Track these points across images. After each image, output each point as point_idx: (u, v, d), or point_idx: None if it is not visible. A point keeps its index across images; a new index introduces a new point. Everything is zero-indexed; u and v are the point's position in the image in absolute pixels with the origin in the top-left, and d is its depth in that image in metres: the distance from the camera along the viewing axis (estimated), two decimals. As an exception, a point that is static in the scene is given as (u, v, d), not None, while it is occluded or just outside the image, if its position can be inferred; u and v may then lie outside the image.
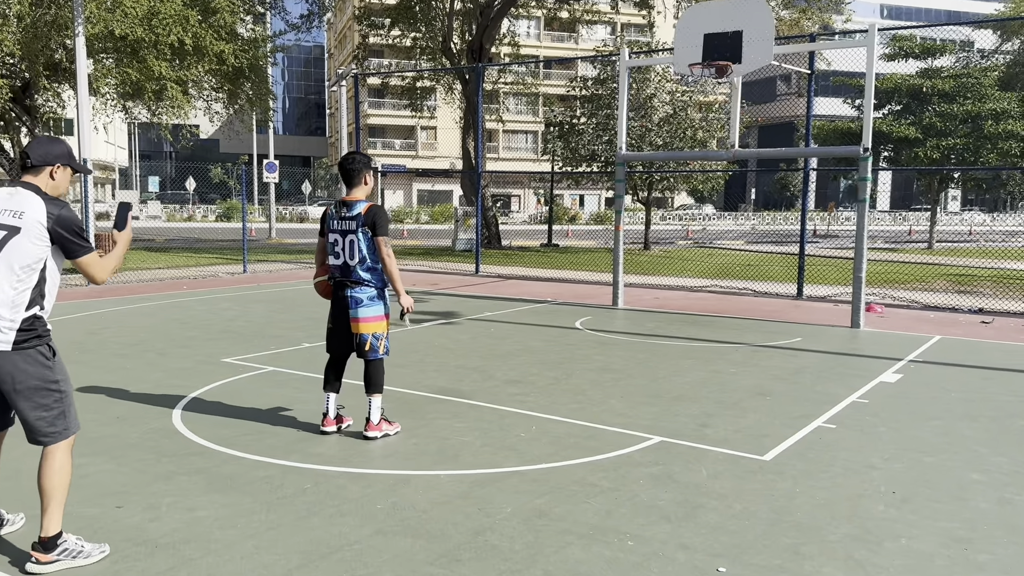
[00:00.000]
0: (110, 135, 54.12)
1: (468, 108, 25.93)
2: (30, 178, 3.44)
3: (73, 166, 3.55)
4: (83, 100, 16.05)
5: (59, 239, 3.40)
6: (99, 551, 3.54)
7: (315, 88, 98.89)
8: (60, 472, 3.47)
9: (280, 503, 4.18)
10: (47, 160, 3.45)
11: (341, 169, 5.29)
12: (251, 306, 12.03)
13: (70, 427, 3.52)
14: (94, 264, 3.50)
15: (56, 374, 3.47)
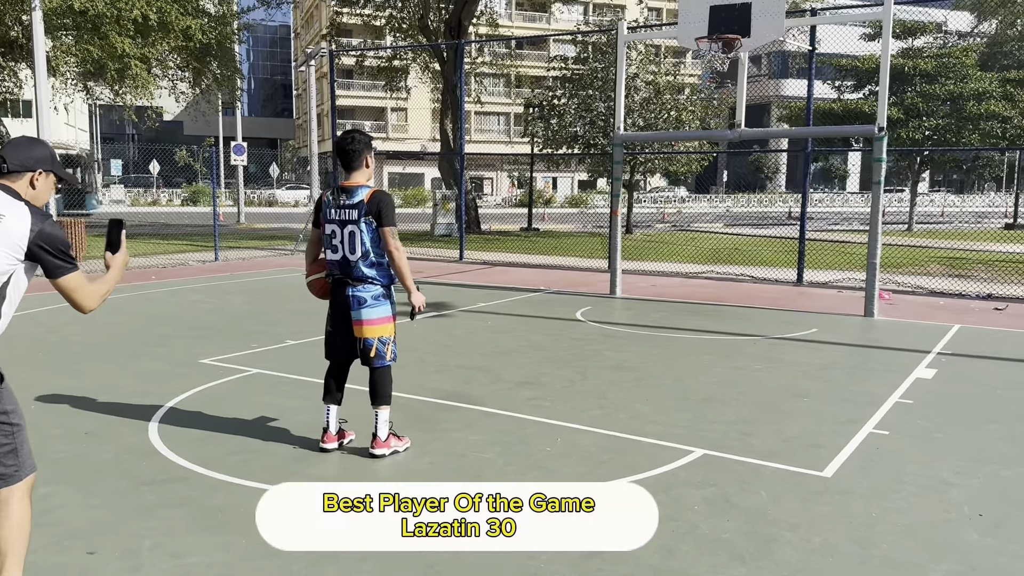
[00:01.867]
0: (70, 117, 52.38)
1: (446, 88, 25.12)
2: (8, 183, 2.81)
3: (58, 173, 2.94)
4: (41, 80, 15.05)
5: (39, 256, 2.73)
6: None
7: (281, 69, 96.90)
8: (16, 524, 2.82)
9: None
10: (27, 165, 2.83)
11: (338, 150, 4.61)
12: (226, 298, 11.29)
13: (22, 467, 2.85)
14: (80, 289, 2.82)
15: (4, 403, 2.80)
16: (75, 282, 2.80)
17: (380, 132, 63.24)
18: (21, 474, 2.84)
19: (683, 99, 24.78)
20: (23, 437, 2.86)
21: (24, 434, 2.87)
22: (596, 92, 24.09)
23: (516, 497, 3.06)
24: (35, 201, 2.84)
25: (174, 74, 22.86)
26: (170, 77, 22.86)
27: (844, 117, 27.15)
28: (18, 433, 2.84)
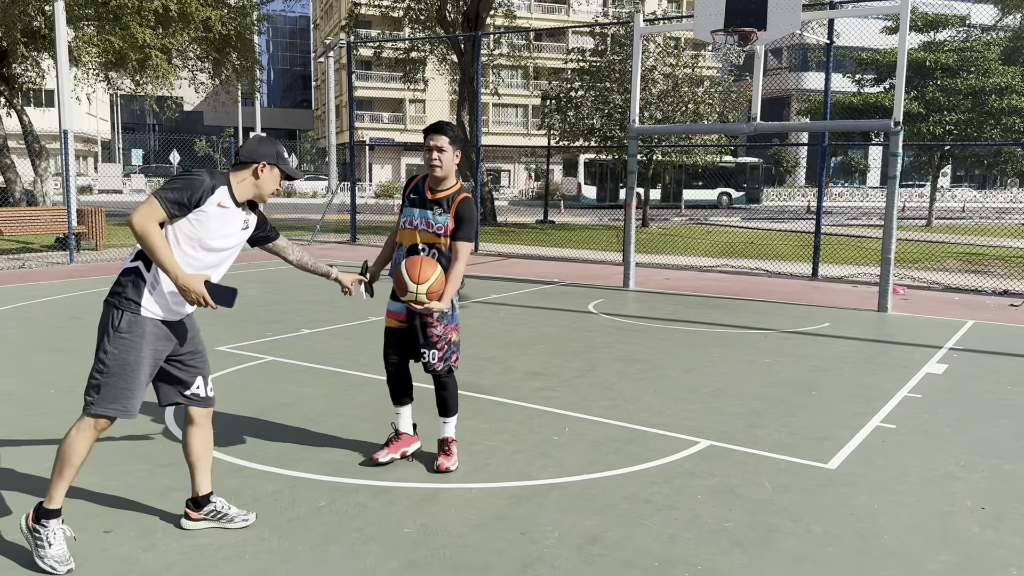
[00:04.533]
0: (92, 106, 52.88)
1: (463, 80, 25.15)
2: (232, 173, 3.38)
3: (282, 168, 3.44)
4: (63, 70, 15.23)
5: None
6: (242, 518, 3.60)
7: (300, 60, 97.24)
8: (66, 444, 3.23)
9: (293, 526, 3.64)
10: (253, 157, 3.38)
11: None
12: (243, 287, 11.42)
13: (97, 405, 3.21)
14: (146, 209, 3.18)
15: (108, 345, 3.24)
16: (144, 205, 3.16)
17: (398, 124, 63.40)
18: (93, 409, 3.22)
19: (701, 92, 24.66)
20: (110, 383, 3.21)
21: (114, 380, 3.21)
22: (613, 84, 24.03)
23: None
24: (257, 190, 3.40)
25: (194, 65, 23.03)
26: (190, 68, 23.04)
27: (864, 111, 26.93)
28: (105, 374, 3.21)
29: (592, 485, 4.18)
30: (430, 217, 4.10)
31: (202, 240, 3.29)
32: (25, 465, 4.33)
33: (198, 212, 3.24)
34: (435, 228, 4.09)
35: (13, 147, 20.84)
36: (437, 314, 4.10)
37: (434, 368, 4.19)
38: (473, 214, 4.12)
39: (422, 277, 3.88)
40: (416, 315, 4.12)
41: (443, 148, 4.04)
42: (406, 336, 4.21)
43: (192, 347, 3.50)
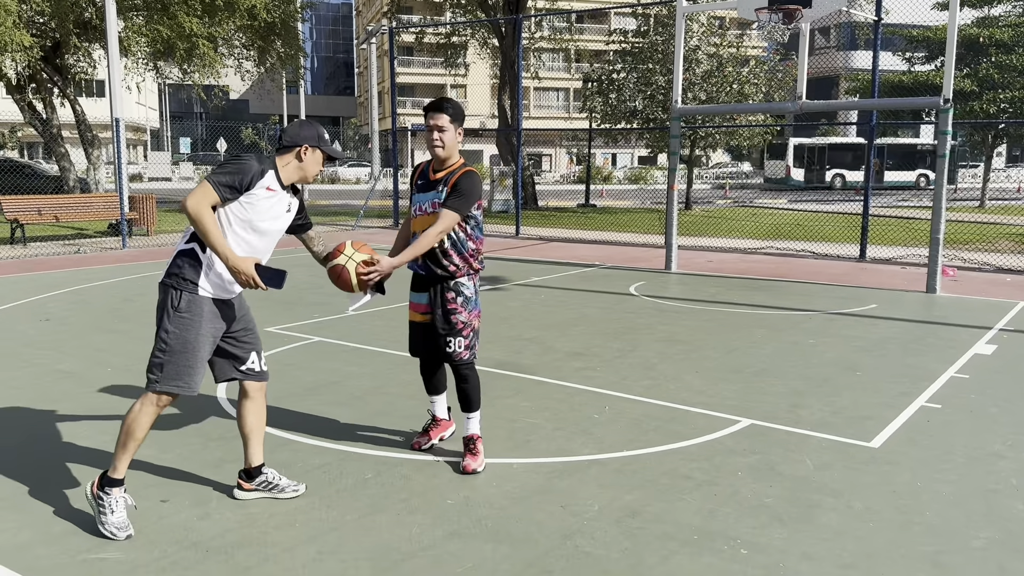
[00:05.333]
0: (141, 96, 53.95)
1: (504, 64, 25.15)
2: (278, 157, 3.48)
3: (324, 149, 3.51)
4: (114, 60, 15.61)
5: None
6: (292, 489, 3.74)
7: (343, 47, 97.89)
8: (130, 418, 3.39)
9: (340, 497, 3.75)
10: (296, 141, 3.47)
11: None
12: (291, 270, 11.60)
13: (160, 382, 3.36)
14: (199, 192, 3.34)
15: (169, 324, 3.37)
16: (198, 189, 3.29)
17: (440, 109, 63.49)
18: (155, 387, 3.37)
19: (746, 72, 24.32)
20: (171, 360, 3.36)
21: (176, 358, 3.36)
22: (656, 66, 23.83)
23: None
24: (300, 172, 3.50)
25: (239, 53, 23.35)
26: (236, 56, 23.36)
27: (914, 90, 26.30)
28: (167, 352, 3.35)
29: (632, 461, 4.22)
30: (434, 197, 3.97)
31: (252, 222, 3.41)
32: (86, 438, 4.52)
33: (248, 195, 3.36)
34: (428, 207, 3.98)
35: (67, 136, 21.41)
36: (460, 298, 4.01)
37: (460, 357, 4.04)
38: (471, 188, 3.90)
39: (357, 246, 3.81)
40: (439, 304, 4.01)
41: (443, 127, 3.90)
42: (429, 329, 4.09)
43: (244, 324, 3.63)
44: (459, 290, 4.03)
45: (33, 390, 5.45)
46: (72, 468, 4.08)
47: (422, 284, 4.12)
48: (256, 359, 3.67)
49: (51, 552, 3.21)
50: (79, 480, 3.91)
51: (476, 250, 4.08)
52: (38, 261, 12.56)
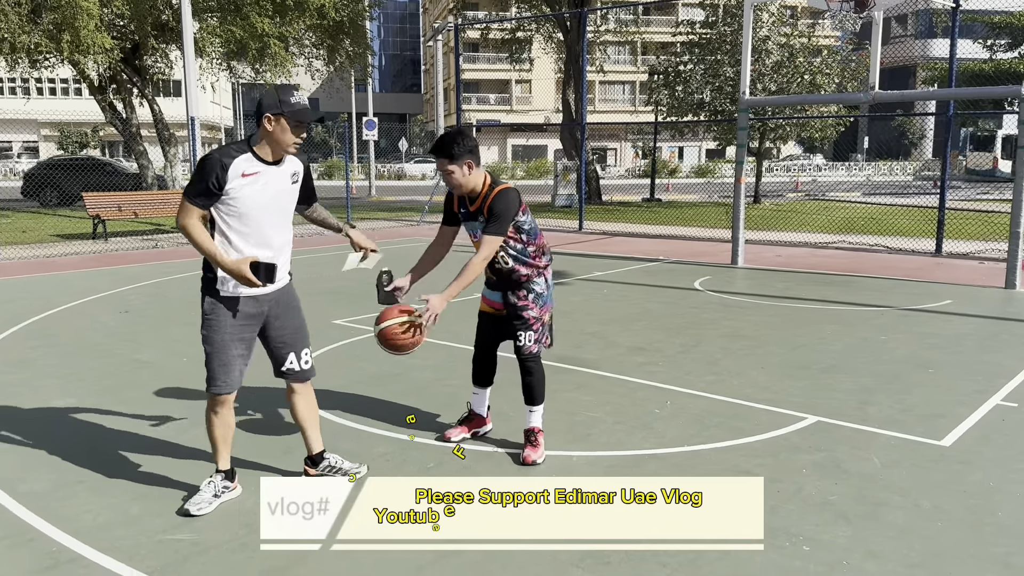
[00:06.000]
0: (216, 95, 55.51)
1: (569, 58, 25.08)
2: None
3: (286, 113, 3.37)
4: (189, 60, 16.14)
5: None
6: (355, 471, 3.88)
7: (410, 45, 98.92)
8: (206, 424, 3.64)
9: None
10: (258, 114, 3.40)
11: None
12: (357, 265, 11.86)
13: (208, 385, 3.54)
14: (181, 210, 3.43)
15: (203, 329, 3.55)
16: (180, 208, 3.38)
17: (504, 104, 63.75)
18: (208, 389, 3.54)
19: (818, 62, 23.71)
20: (211, 360, 3.51)
21: (215, 358, 3.50)
22: (724, 57, 23.44)
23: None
24: (276, 141, 3.38)
25: (309, 52, 23.86)
26: (306, 55, 23.88)
27: (996, 79, 25.27)
28: (209, 350, 3.51)
29: (693, 456, 4.20)
30: (478, 228, 4.04)
31: (245, 215, 3.37)
32: (161, 425, 4.71)
33: (227, 190, 3.31)
34: (479, 236, 4.03)
35: (145, 135, 22.23)
36: (532, 295, 4.08)
37: (529, 350, 4.12)
38: (505, 208, 3.92)
39: (387, 317, 3.99)
40: (510, 301, 4.11)
41: (450, 171, 3.91)
42: (501, 320, 4.22)
43: (281, 325, 3.62)
44: (530, 288, 4.12)
45: (113, 379, 5.71)
46: (147, 454, 4.27)
47: (496, 285, 4.23)
48: (295, 360, 3.69)
49: (129, 533, 3.37)
50: (153, 465, 4.08)
51: (538, 249, 4.12)
52: (118, 255, 13.09)
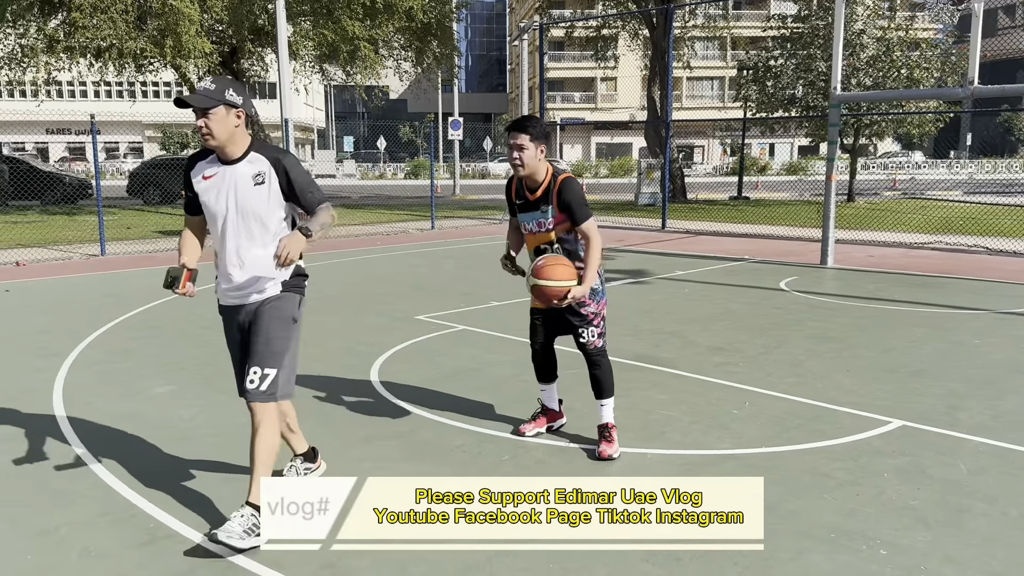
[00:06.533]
0: (309, 97, 57.23)
1: (654, 55, 24.83)
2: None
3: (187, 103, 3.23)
4: (284, 63, 16.71)
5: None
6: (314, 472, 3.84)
7: (496, 45, 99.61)
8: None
9: (478, 476, 3.92)
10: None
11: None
12: (440, 262, 12.09)
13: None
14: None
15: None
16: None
17: (589, 103, 63.53)
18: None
19: (916, 56, 22.78)
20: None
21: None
22: (817, 51, 22.78)
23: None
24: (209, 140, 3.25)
25: (398, 54, 24.38)
26: (395, 57, 24.41)
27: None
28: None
29: (770, 458, 4.15)
30: (539, 217, 4.06)
31: (212, 218, 3.33)
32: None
33: (198, 195, 3.33)
34: (547, 226, 4.06)
35: (242, 136, 23.12)
36: (589, 293, 4.07)
37: (594, 345, 4.13)
38: (577, 192, 4.00)
39: (558, 276, 3.90)
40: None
41: (524, 146, 3.94)
42: (556, 316, 4.18)
43: (251, 338, 3.36)
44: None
45: (210, 368, 6.00)
46: (239, 440, 4.48)
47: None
48: (252, 375, 3.29)
49: (222, 513, 3.56)
50: (245, 451, 4.29)
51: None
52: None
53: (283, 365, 3.33)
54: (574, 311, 4.12)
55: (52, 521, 3.47)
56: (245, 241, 3.29)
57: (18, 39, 19.82)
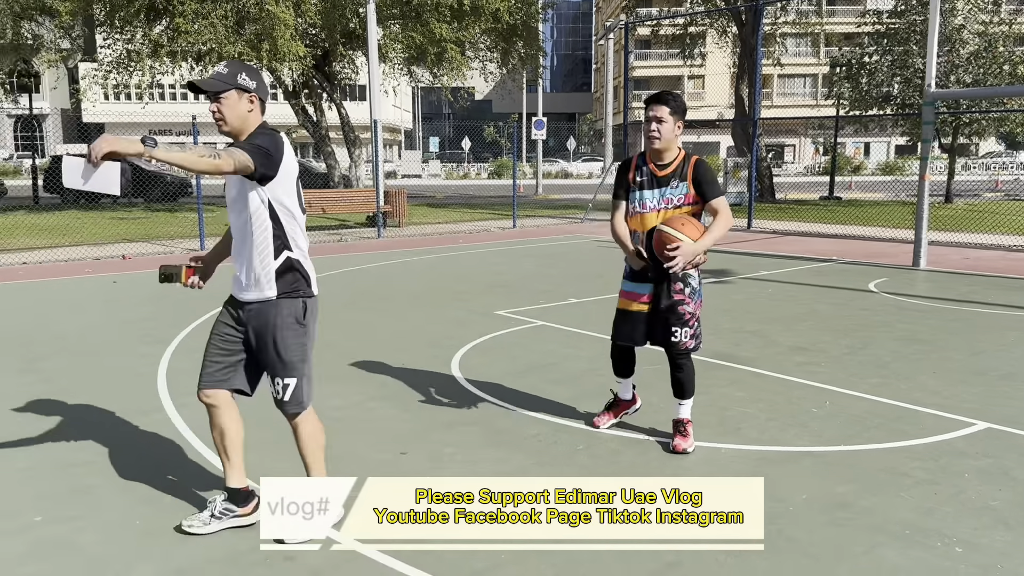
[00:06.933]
0: (397, 99, 58.40)
1: (743, 52, 24.43)
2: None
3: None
4: (374, 66, 17.20)
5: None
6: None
7: (582, 44, 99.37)
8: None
9: (553, 463, 4.04)
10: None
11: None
12: (520, 260, 12.25)
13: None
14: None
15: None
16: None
17: (676, 102, 62.60)
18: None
19: (1022, 52, 21.73)
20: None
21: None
22: (914, 47, 21.99)
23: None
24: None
25: (484, 55, 24.70)
26: (480, 58, 24.74)
27: None
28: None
29: (849, 456, 4.13)
30: (668, 193, 3.97)
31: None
32: (336, 402, 5.19)
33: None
34: (676, 201, 3.97)
35: (332, 137, 23.87)
36: (688, 289, 4.05)
37: (686, 346, 4.08)
38: (710, 170, 4.00)
39: (681, 228, 3.82)
40: (663, 295, 4.04)
41: (663, 119, 3.91)
42: (647, 318, 4.11)
43: (257, 348, 3.27)
44: (687, 281, 4.06)
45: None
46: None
47: (644, 275, 4.11)
48: (271, 385, 3.32)
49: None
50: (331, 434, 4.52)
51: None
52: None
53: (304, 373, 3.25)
54: (672, 310, 4.04)
55: (156, 491, 3.74)
56: (240, 233, 3.19)
57: (125, 44, 20.96)
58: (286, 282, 3.17)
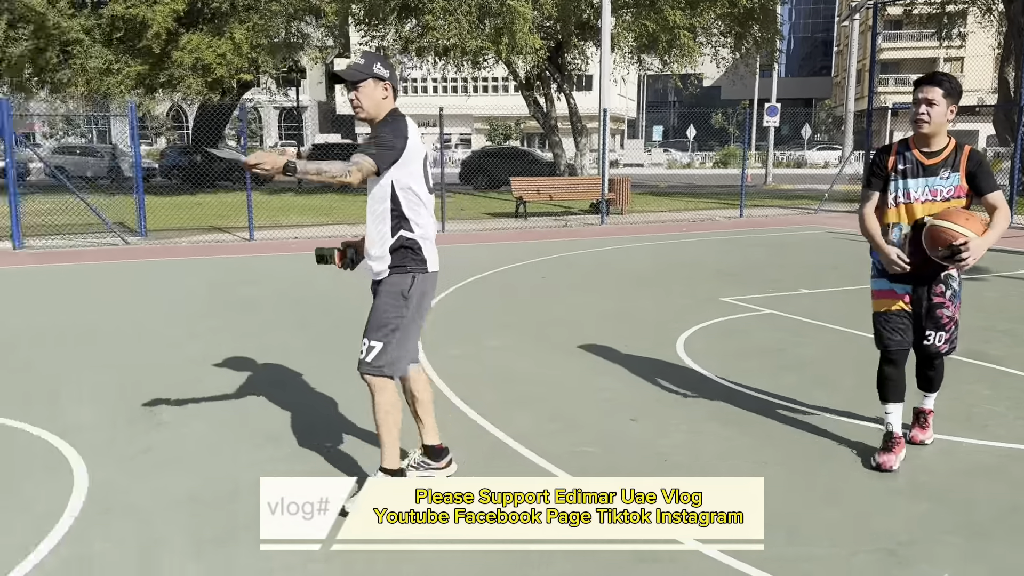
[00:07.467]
0: (623, 88, 58.53)
1: (1010, 31, 22.06)
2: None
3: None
4: (606, 55, 17.54)
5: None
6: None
7: (823, 26, 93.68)
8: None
9: (780, 445, 4.12)
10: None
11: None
12: (747, 250, 12.07)
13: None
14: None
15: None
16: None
17: (929, 86, 57.51)
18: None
19: None
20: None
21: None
22: None
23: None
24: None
25: (716, 40, 24.24)
26: (712, 44, 24.31)
27: None
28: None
29: (1110, 462, 3.85)
30: (936, 183, 3.65)
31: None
32: (558, 373, 5.54)
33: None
34: (945, 193, 3.64)
35: (559, 127, 24.56)
36: (949, 291, 3.76)
37: (939, 350, 3.83)
38: (986, 161, 3.65)
39: (960, 222, 3.49)
40: (926, 296, 3.77)
41: (935, 101, 3.60)
42: (910, 319, 3.83)
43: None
44: (948, 283, 3.77)
45: (533, 330, 6.74)
46: (551, 387, 5.09)
47: (907, 275, 3.76)
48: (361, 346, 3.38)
49: (549, 442, 4.15)
50: (546, 395, 4.89)
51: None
52: (534, 232, 14.85)
53: (391, 341, 3.31)
54: (930, 313, 3.77)
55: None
56: (368, 211, 3.38)
57: (380, 41, 22.86)
58: (399, 256, 3.31)
